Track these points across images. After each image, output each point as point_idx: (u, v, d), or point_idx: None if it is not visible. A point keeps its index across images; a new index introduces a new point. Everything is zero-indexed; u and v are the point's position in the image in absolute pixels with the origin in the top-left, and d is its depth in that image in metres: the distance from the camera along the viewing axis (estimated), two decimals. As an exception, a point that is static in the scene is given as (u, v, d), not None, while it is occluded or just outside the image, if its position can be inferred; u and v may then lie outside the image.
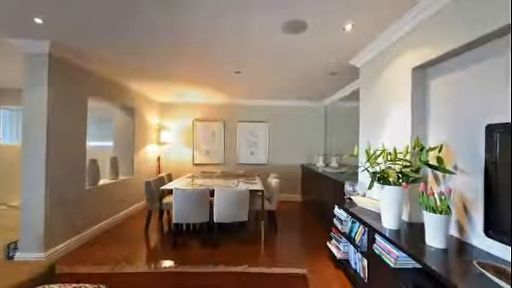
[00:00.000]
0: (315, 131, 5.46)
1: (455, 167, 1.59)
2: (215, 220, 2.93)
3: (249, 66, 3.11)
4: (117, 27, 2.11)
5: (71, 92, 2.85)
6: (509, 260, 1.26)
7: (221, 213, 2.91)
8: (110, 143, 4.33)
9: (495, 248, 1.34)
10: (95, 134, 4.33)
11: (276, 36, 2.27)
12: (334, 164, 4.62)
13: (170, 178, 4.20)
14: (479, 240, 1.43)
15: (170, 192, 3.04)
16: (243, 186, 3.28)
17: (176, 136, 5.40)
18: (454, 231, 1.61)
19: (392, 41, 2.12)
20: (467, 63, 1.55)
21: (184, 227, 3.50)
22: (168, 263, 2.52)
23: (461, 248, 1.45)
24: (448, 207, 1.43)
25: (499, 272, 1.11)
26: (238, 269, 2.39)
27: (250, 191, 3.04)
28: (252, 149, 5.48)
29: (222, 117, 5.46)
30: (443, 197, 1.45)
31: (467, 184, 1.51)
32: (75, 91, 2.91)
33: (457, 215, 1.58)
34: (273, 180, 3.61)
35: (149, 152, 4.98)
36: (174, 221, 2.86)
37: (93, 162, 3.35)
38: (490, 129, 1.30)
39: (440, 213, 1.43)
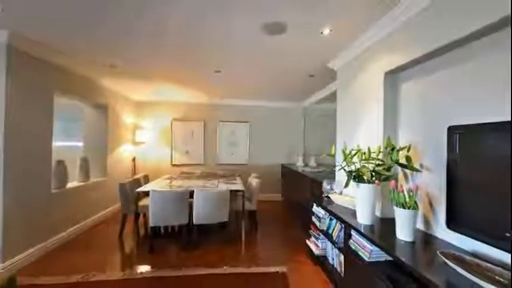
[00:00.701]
0: (295, 131, 5.57)
1: (422, 166, 1.72)
2: (195, 222, 2.87)
3: (229, 66, 3.10)
4: (89, 19, 1.98)
5: (35, 86, 2.61)
6: (467, 249, 1.39)
7: (201, 214, 2.86)
8: (80, 143, 4.05)
9: (455, 239, 1.47)
10: (63, 133, 4.02)
11: (256, 37, 2.28)
12: (312, 163, 4.76)
13: (147, 179, 4.04)
14: (442, 232, 1.56)
15: (147, 194, 2.92)
16: (224, 186, 3.25)
17: (153, 136, 5.20)
18: (420, 225, 1.73)
19: (367, 46, 2.23)
20: (433, 70, 1.68)
21: (162, 230, 3.38)
22: (144, 268, 2.42)
23: (427, 240, 1.57)
24: (416, 202, 1.54)
25: (459, 260, 1.22)
26: (219, 270, 2.37)
27: (231, 191, 3.02)
28: (232, 149, 5.45)
29: (202, 117, 5.37)
30: (411, 194, 1.56)
31: (432, 181, 1.64)
32: (39, 86, 2.67)
33: (423, 209, 1.70)
34: (254, 180, 3.63)
35: (124, 153, 4.73)
36: (151, 224, 2.75)
37: (60, 163, 3.10)
38: (451, 130, 1.43)
39: (409, 208, 1.53)
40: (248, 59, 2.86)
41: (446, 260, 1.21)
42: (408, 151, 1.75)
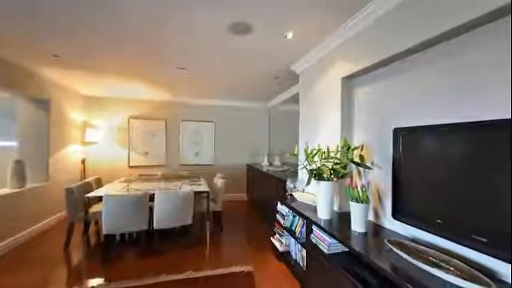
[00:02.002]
0: (260, 131, 5.67)
1: (373, 163, 1.91)
2: (155, 226, 2.70)
3: (194, 63, 2.99)
4: (27, 2, 1.71)
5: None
6: (409, 236, 1.59)
7: (162, 218, 2.71)
8: (13, 143, 3.47)
9: (400, 228, 1.67)
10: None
11: (222, 36, 2.25)
12: (277, 162, 4.90)
13: (99, 183, 3.66)
14: (389, 222, 1.76)
15: (100, 199, 2.65)
16: (187, 188, 3.13)
17: (107, 135, 4.73)
18: (371, 217, 1.92)
19: (326, 53, 2.39)
20: (381, 77, 1.88)
21: (118, 238, 3.10)
22: (97, 281, 2.19)
23: (376, 230, 1.75)
24: (367, 197, 1.71)
25: (402, 246, 1.39)
26: (182, 275, 2.27)
27: (195, 192, 2.93)
28: (197, 149, 5.28)
29: (164, 115, 5.08)
30: (364, 189, 1.72)
31: (380, 177, 1.83)
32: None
33: (374, 203, 1.90)
34: (219, 181, 3.58)
35: (71, 154, 4.21)
36: (104, 232, 2.50)
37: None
38: (396, 132, 1.62)
39: (362, 202, 1.69)
40: (214, 58, 2.81)
41: (391, 247, 1.37)
42: (361, 150, 1.93)
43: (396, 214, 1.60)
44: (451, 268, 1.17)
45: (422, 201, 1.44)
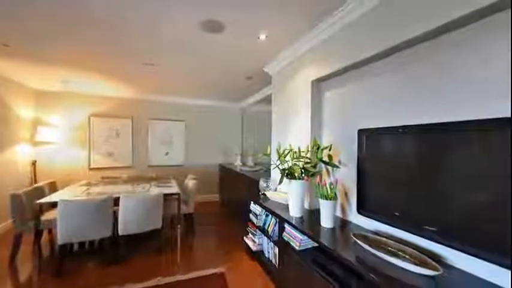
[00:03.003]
0: (233, 131, 5.64)
1: (340, 162, 2.03)
2: (121, 232, 2.52)
3: (163, 59, 2.86)
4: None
5: None
6: (372, 229, 1.72)
7: (128, 223, 2.54)
8: None
9: (364, 222, 1.79)
10: None
11: (194, 33, 2.19)
12: (250, 163, 4.93)
13: (54, 188, 3.30)
14: (355, 217, 1.88)
15: (54, 205, 2.38)
16: (156, 190, 2.98)
17: (63, 134, 4.27)
18: (339, 213, 2.04)
19: (297, 56, 2.47)
20: (347, 82, 2.00)
21: (76, 247, 2.83)
22: (50, 297, 1.97)
23: (343, 225, 1.86)
24: (335, 194, 1.81)
25: (365, 239, 1.50)
26: (151, 283, 2.16)
27: (165, 194, 2.81)
28: (167, 150, 5.06)
29: (130, 113, 4.76)
30: (332, 187, 1.81)
31: (347, 175, 1.95)
32: None
33: (341, 199, 2.01)
34: (190, 182, 3.48)
35: (18, 155, 3.72)
36: (59, 241, 2.26)
37: None
38: (360, 132, 1.74)
39: (330, 199, 1.78)
40: (184, 55, 2.72)
41: (356, 240, 1.47)
42: (330, 150, 2.03)
43: (360, 209, 1.72)
44: (407, 256, 1.30)
45: (382, 197, 1.57)
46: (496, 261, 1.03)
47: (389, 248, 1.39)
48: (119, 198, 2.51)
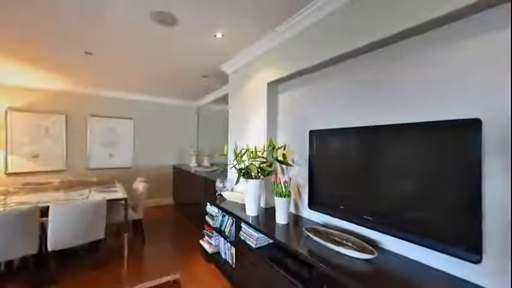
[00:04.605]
0: (188, 130, 5.39)
1: (293, 161, 2.14)
2: (51, 248, 2.15)
3: (107, 49, 2.55)
4: None
5: None
6: (321, 222, 1.87)
7: (61, 236, 2.18)
8: None
9: (315, 216, 1.93)
10: None
11: (143, 23, 2.01)
12: (206, 163, 4.80)
13: (-48, 199, 2.61)
14: (307, 212, 2.01)
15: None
16: (98, 196, 2.65)
17: (-33, 132, 3.43)
18: (292, 209, 2.15)
19: (254, 57, 2.51)
20: (300, 85, 2.13)
21: (-14, 271, 2.29)
22: None
23: (296, 220, 1.97)
24: (289, 191, 1.90)
25: (316, 232, 1.61)
26: (91, 301, 1.90)
27: (108, 200, 2.51)
28: (111, 150, 4.53)
29: (64, 108, 4.10)
30: (286, 184, 1.90)
31: (300, 173, 2.07)
32: None
33: (294, 196, 2.13)
34: (140, 185, 3.19)
35: None
36: (-39, 266, 1.80)
37: None
38: (311, 133, 1.87)
39: (284, 197, 1.86)
40: (132, 45, 2.48)
41: (308, 233, 1.57)
42: (284, 150, 2.13)
43: (311, 204, 1.86)
44: (350, 244, 1.45)
45: (330, 192, 1.72)
46: (418, 242, 1.23)
47: (336, 239, 1.53)
48: (48, 208, 2.14)
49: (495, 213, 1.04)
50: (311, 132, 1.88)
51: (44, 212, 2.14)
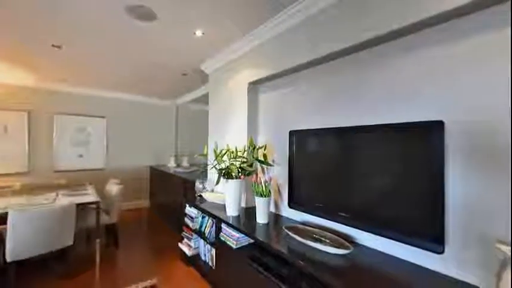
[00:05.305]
0: (166, 130, 5.21)
1: (274, 161, 2.17)
2: (9, 258, 1.95)
3: (77, 43, 2.39)
4: None
5: None
6: (300, 220, 1.91)
7: (21, 245, 1.99)
8: None
9: (294, 215, 1.97)
10: None
11: (118, 16, 1.91)
12: (185, 163, 4.68)
13: None
14: (286, 211, 2.04)
15: None
16: (66, 200, 2.46)
17: None
18: (273, 208, 2.18)
19: (235, 57, 2.50)
20: (279, 86, 2.16)
21: None
22: None
23: (277, 219, 2.00)
24: (269, 191, 1.92)
25: (295, 230, 1.65)
26: (57, 313, 1.76)
27: (78, 204, 2.35)
28: (81, 151, 4.24)
29: (26, 105, 3.76)
30: (266, 184, 1.92)
31: (280, 173, 2.10)
32: None
33: (275, 196, 2.15)
34: (114, 187, 3.02)
35: None
36: None
37: None
38: (291, 133, 1.91)
39: (265, 196, 1.88)
40: (106, 40, 2.34)
41: (288, 232, 1.60)
42: (265, 150, 2.15)
43: (291, 203, 1.89)
44: (327, 240, 1.50)
45: (308, 191, 1.77)
46: (389, 236, 1.30)
47: (315, 236, 1.58)
48: (6, 214, 1.94)
49: (456, 207, 1.14)
50: (291, 132, 1.91)
51: (3, 218, 1.95)
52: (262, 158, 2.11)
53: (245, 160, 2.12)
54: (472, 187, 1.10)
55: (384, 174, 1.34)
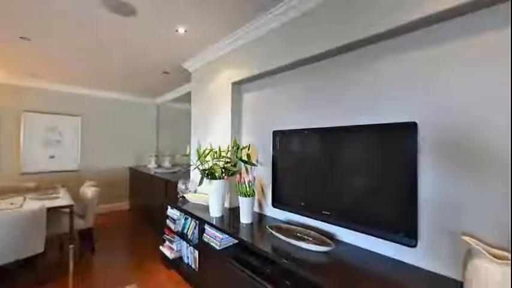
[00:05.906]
0: (146, 130, 5.03)
1: (257, 161, 2.17)
2: (-31, 269, 1.79)
3: (48, 35, 2.23)
4: None
5: None
6: (284, 219, 1.93)
7: (-15, 253, 1.83)
8: None
9: (278, 214, 1.99)
10: None
11: (94, 9, 1.82)
12: (167, 164, 4.55)
13: None
14: (270, 210, 2.06)
15: None
16: (35, 204, 2.29)
17: None
18: (256, 208, 2.18)
19: (219, 56, 2.47)
20: (263, 86, 2.17)
21: None
22: None
23: (260, 219, 2.01)
24: (253, 191, 1.92)
25: (278, 229, 1.66)
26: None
27: (49, 209, 2.20)
28: (53, 151, 3.97)
29: (-11, 101, 3.46)
30: (250, 184, 1.92)
31: (264, 172, 2.11)
32: None
33: (258, 195, 2.16)
34: (89, 190, 2.86)
35: None
36: None
37: None
38: (274, 134, 1.92)
39: (249, 196, 1.88)
40: (79, 33, 2.21)
41: (271, 231, 1.61)
42: (248, 150, 2.14)
43: (274, 202, 1.90)
44: (310, 238, 1.53)
45: (291, 190, 1.79)
46: (367, 232, 1.36)
47: (298, 234, 1.60)
48: (-34, 220, 1.77)
49: (428, 203, 1.22)
50: (274, 132, 1.93)
51: (-40, 226, 1.77)
52: (246, 158, 2.10)
53: (229, 160, 2.10)
54: (442, 184, 1.18)
55: (363, 174, 1.40)
